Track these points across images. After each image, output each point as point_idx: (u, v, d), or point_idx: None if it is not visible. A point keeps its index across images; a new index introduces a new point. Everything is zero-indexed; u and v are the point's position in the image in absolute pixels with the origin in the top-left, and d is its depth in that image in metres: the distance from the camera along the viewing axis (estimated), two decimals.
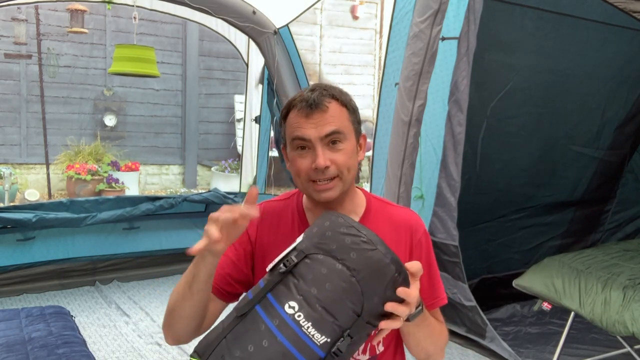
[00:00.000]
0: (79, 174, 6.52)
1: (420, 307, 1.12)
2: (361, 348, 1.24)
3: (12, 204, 6.04)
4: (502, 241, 3.93)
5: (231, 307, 1.18)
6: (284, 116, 1.25)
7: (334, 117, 1.21)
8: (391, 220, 1.32)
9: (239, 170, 4.80)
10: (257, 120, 4.47)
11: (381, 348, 1.29)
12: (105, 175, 6.67)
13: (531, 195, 3.99)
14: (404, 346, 1.33)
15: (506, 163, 3.76)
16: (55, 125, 7.14)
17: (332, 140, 1.20)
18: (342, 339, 1.00)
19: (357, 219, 1.30)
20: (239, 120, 7.48)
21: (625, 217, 4.39)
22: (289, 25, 4.03)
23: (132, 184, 6.93)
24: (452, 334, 2.98)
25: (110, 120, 7.47)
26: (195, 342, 1.11)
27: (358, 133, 1.28)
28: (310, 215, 1.31)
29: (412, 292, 1.05)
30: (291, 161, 1.25)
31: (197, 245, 1.07)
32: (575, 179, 4.14)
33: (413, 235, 1.31)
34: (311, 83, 5.13)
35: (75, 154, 6.99)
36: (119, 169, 6.90)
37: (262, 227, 1.31)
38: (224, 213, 1.08)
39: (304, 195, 1.33)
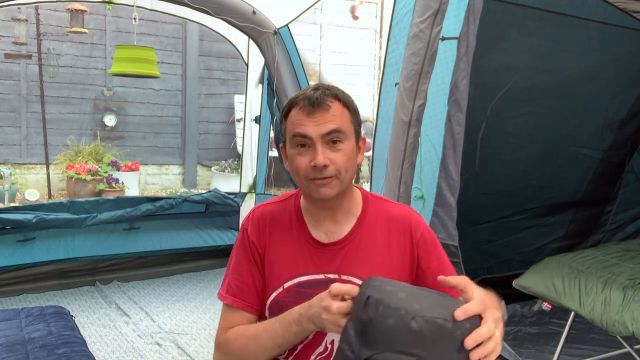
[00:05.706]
0: (79, 174, 6.52)
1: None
2: None
3: (12, 204, 6.04)
4: (503, 242, 3.92)
5: None
6: (285, 114, 1.24)
7: (335, 116, 1.20)
8: (388, 219, 1.31)
9: (239, 170, 4.79)
10: (257, 120, 4.46)
11: None
12: (105, 175, 6.67)
13: (532, 196, 3.97)
14: None
15: (507, 163, 3.75)
16: (55, 125, 7.14)
17: (332, 139, 1.20)
18: None
19: (354, 219, 1.30)
20: (239, 120, 7.47)
21: (626, 217, 4.38)
22: (289, 25, 4.03)
23: (132, 184, 6.93)
24: None
25: (110, 120, 7.46)
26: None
27: (358, 135, 1.27)
28: (308, 216, 1.31)
29: (482, 331, 0.94)
30: (290, 159, 1.24)
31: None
32: (576, 179, 4.13)
33: (413, 233, 1.30)
34: (311, 83, 5.15)
35: (75, 154, 6.99)
36: (119, 169, 6.89)
37: (261, 232, 1.32)
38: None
39: (302, 196, 1.33)
